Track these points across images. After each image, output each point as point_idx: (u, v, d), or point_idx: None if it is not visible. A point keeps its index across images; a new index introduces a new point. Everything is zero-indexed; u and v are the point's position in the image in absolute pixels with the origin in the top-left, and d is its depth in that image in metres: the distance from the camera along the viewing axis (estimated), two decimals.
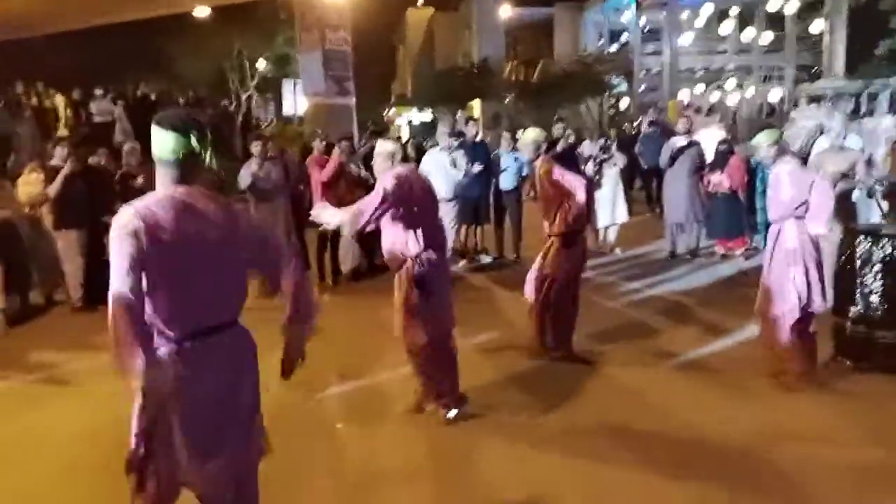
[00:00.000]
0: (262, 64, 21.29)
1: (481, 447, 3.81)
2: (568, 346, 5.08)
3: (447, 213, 7.58)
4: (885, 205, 5.46)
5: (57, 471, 3.58)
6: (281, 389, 4.86)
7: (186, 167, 2.22)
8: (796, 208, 4.25)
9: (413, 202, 3.92)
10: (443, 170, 7.52)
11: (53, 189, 6.76)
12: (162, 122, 2.22)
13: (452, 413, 4.08)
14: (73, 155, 7.03)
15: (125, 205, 2.15)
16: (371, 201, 3.86)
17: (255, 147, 7.31)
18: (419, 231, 3.92)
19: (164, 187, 2.21)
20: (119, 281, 2.03)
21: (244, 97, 21.04)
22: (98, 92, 15.88)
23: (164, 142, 2.20)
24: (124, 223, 2.07)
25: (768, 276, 4.43)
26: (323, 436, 4.06)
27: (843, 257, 4.79)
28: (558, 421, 4.10)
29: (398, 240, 3.95)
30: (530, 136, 5.16)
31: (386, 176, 3.95)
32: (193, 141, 2.21)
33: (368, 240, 7.55)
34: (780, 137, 4.47)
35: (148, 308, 2.09)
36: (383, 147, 4.19)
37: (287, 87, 22.36)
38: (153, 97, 17.75)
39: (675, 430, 3.91)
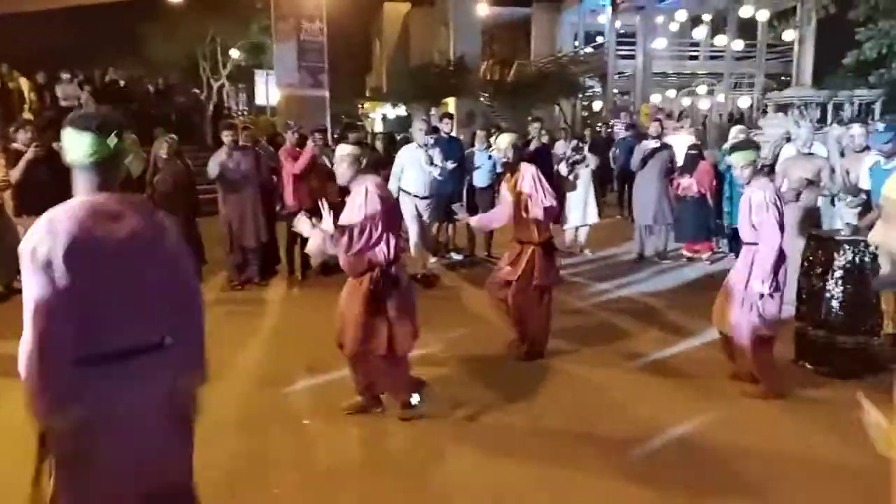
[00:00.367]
0: (235, 53, 21.00)
1: (447, 444, 3.82)
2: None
3: (424, 211, 7.56)
4: (850, 214, 5.59)
5: (14, 464, 3.49)
6: (248, 384, 4.84)
7: (105, 171, 2.06)
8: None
9: (388, 211, 3.81)
10: (418, 166, 7.49)
11: (15, 174, 6.58)
12: (77, 123, 2.06)
13: (416, 398, 4.09)
14: (38, 140, 6.86)
15: (36, 221, 1.97)
16: (360, 225, 3.66)
17: (226, 136, 7.20)
18: (391, 240, 3.83)
19: (83, 193, 2.05)
20: (42, 312, 1.86)
21: (216, 86, 20.72)
22: (65, 76, 15.50)
23: (80, 144, 2.03)
24: (33, 248, 1.90)
25: (737, 289, 4.36)
26: (290, 430, 4.03)
27: (806, 263, 4.90)
28: (524, 419, 4.12)
29: (368, 246, 3.78)
30: (505, 140, 5.13)
31: (364, 190, 3.73)
32: (112, 142, 2.05)
33: None
34: (755, 158, 4.36)
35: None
36: (344, 151, 3.92)
37: (260, 77, 22.10)
38: (122, 83, 17.40)
39: (640, 430, 3.95)
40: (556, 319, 5.37)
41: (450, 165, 7.68)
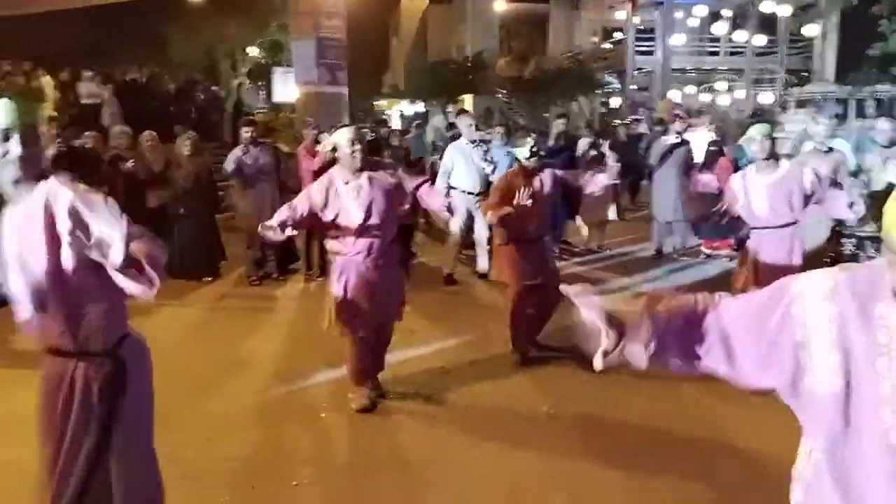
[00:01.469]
0: (254, 50, 21.13)
1: (464, 439, 3.83)
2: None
3: (475, 209, 7.27)
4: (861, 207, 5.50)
5: (30, 450, 3.55)
6: (266, 378, 4.88)
7: None
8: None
9: None
10: (471, 162, 7.35)
11: None
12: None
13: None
14: (60, 136, 6.96)
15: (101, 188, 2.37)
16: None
17: (245, 132, 7.27)
18: None
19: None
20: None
21: (235, 84, 20.85)
22: (87, 73, 15.70)
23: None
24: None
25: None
26: (308, 424, 4.06)
27: (828, 259, 4.84)
28: (542, 416, 4.13)
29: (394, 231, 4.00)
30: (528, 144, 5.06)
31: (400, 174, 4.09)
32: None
33: None
34: (770, 132, 4.25)
35: None
36: (350, 135, 3.92)
37: (278, 74, 22.19)
38: (143, 80, 17.56)
39: (659, 428, 3.94)
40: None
41: None
